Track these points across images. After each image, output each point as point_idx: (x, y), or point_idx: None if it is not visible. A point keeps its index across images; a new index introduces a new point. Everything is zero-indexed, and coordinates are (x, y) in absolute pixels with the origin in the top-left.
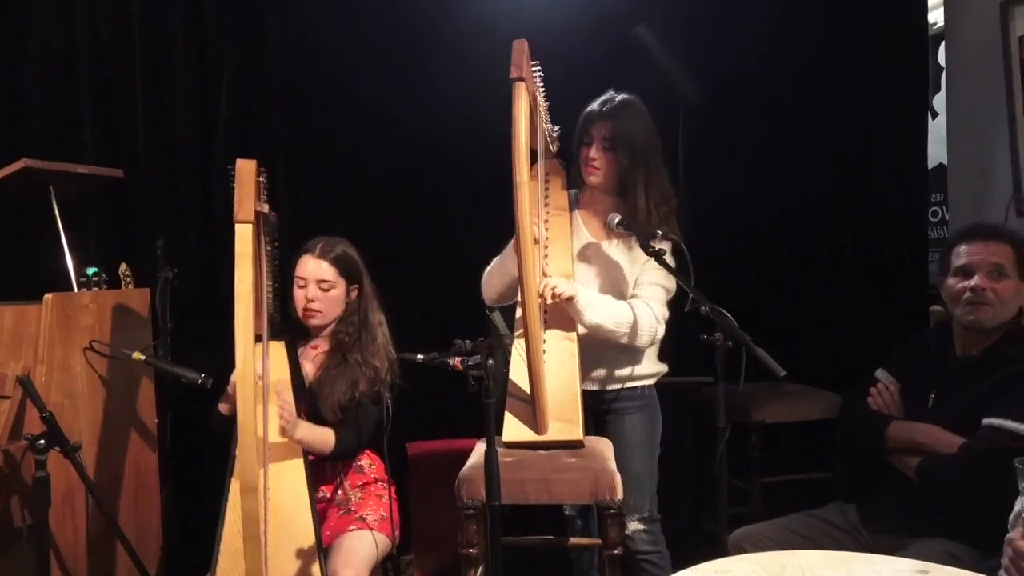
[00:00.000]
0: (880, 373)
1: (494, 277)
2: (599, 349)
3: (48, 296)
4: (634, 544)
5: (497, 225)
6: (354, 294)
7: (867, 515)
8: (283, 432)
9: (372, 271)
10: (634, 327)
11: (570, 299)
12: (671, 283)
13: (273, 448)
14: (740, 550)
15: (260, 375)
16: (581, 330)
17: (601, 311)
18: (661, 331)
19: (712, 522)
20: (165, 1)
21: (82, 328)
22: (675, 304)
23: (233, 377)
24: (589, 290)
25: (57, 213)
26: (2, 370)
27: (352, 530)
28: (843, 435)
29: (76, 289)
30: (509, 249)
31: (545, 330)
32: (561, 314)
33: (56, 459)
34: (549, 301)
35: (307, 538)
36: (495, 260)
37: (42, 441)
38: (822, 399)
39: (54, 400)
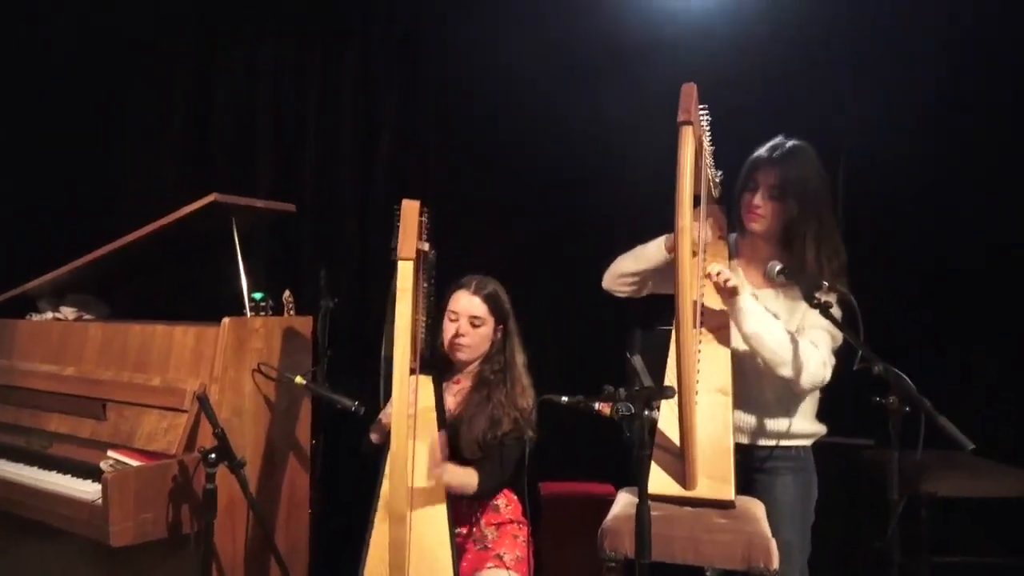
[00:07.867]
0: None
1: (627, 260)
2: (754, 392)
3: (226, 320)
4: None
5: None
6: (499, 333)
7: None
8: (431, 475)
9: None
10: (796, 358)
11: (734, 292)
12: (837, 333)
13: (418, 482)
14: None
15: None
16: (738, 351)
17: (764, 323)
18: (826, 375)
19: None
20: (335, 51)
21: (252, 351)
22: (840, 360)
23: (388, 408)
24: (756, 301)
25: (237, 243)
26: (182, 386)
27: (490, 567)
28: None
29: (248, 314)
30: (650, 247)
31: (698, 379)
32: (715, 359)
33: (221, 471)
34: (714, 279)
35: (446, 571)
36: (636, 248)
37: (213, 455)
38: (1010, 475)
39: (224, 417)
